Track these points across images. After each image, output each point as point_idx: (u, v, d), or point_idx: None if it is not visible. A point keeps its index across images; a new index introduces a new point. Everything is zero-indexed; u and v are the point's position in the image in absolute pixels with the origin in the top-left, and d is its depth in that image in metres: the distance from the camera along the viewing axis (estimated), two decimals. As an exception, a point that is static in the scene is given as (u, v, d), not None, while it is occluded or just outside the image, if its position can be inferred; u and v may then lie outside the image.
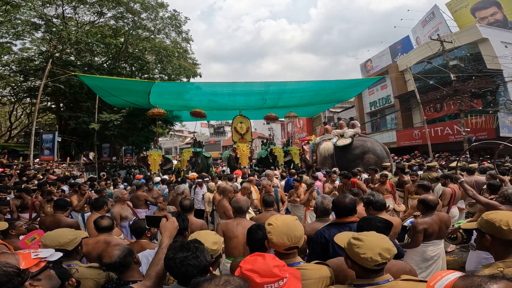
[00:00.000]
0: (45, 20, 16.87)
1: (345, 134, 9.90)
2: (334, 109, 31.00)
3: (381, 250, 1.32)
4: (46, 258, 1.27)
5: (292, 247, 1.58)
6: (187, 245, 1.35)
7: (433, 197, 3.21)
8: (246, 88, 11.76)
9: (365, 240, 1.36)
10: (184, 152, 12.33)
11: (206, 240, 1.60)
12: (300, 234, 1.60)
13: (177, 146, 48.22)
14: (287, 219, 1.68)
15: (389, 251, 1.34)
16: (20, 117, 25.43)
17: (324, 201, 2.71)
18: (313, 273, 1.56)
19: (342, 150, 9.47)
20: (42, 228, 3.33)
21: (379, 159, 8.72)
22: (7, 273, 1.11)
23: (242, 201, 3.00)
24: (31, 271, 1.19)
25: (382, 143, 9.90)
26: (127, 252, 1.77)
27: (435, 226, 2.94)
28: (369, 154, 8.99)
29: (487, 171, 5.31)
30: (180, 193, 5.36)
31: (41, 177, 9.27)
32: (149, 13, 19.20)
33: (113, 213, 4.31)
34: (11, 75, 18.87)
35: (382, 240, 1.38)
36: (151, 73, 20.43)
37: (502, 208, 2.86)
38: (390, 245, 1.36)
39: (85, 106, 16.90)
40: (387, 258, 1.33)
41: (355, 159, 9.01)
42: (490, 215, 1.55)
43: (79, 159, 19.16)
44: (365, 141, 9.45)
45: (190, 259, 1.31)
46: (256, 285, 1.21)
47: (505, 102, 15.52)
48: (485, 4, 20.23)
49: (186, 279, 1.29)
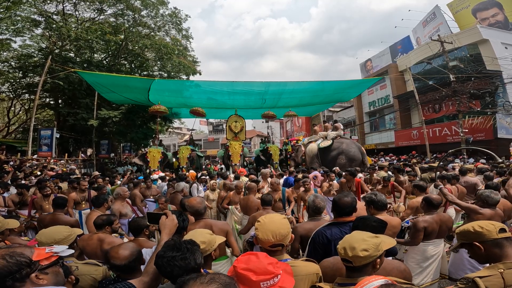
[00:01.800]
0: (45, 16, 16.81)
1: (328, 136, 10.48)
2: (333, 108, 31.04)
3: (346, 245, 1.39)
4: (58, 253, 1.31)
5: (276, 244, 1.61)
6: (179, 245, 1.36)
7: (437, 196, 3.25)
8: (246, 87, 11.76)
9: (347, 237, 1.44)
10: (183, 149, 12.33)
11: (196, 239, 1.59)
12: (285, 232, 1.63)
13: (176, 143, 48.18)
14: (275, 217, 1.71)
15: (354, 250, 1.36)
16: (19, 113, 25.34)
17: (316, 200, 2.71)
18: (300, 270, 1.58)
19: (323, 151, 10.12)
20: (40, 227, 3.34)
21: (350, 161, 9.38)
22: (18, 262, 1.16)
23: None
24: (41, 264, 1.23)
25: (359, 145, 10.52)
26: (137, 255, 1.76)
27: (435, 226, 2.97)
28: (342, 155, 9.65)
29: (484, 173, 5.38)
30: (180, 191, 5.36)
31: (39, 173, 9.26)
32: (150, 10, 19.16)
33: (113, 210, 4.32)
34: (10, 71, 18.78)
35: (350, 238, 1.44)
36: (151, 70, 20.41)
37: (482, 211, 2.94)
38: (356, 244, 1.38)
39: (84, 103, 16.86)
40: (349, 256, 1.36)
41: (332, 160, 9.63)
42: (461, 228, 1.69)
43: (77, 155, 19.11)
44: (342, 143, 10.09)
45: (178, 260, 1.31)
46: (253, 283, 1.23)
47: (503, 104, 15.57)
48: (486, 5, 20.23)
49: (173, 278, 1.29)
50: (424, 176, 6.90)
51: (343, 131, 11.41)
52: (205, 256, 1.64)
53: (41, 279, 1.20)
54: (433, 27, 23.59)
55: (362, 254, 1.33)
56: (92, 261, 2.01)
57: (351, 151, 9.70)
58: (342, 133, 10.99)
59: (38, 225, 3.88)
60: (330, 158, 9.80)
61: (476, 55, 16.99)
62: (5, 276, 1.12)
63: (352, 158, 9.59)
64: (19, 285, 1.15)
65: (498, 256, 1.50)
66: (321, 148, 10.20)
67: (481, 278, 1.38)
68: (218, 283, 0.92)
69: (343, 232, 2.15)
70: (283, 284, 1.29)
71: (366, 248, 1.34)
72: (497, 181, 4.53)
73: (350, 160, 9.52)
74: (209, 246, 1.67)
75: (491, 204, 2.97)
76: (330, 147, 10.03)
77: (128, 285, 1.34)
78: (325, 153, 10.04)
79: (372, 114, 27.25)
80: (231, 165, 11.47)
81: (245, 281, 1.25)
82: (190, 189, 6.76)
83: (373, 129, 27.42)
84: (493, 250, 1.52)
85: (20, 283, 1.15)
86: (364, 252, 1.33)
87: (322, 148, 10.15)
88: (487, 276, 1.39)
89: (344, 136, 11.74)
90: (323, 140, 10.45)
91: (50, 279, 1.24)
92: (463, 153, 13.60)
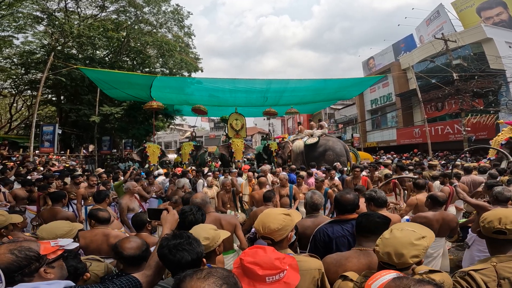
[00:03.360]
0: (48, 13, 16.80)
1: (314, 134, 10.87)
2: (335, 106, 30.98)
3: (391, 250, 1.27)
4: (64, 246, 1.31)
5: (265, 236, 1.62)
6: (179, 234, 1.37)
7: (442, 193, 3.24)
8: (248, 85, 11.74)
9: (390, 237, 1.32)
10: (185, 145, 12.34)
11: (199, 234, 1.59)
12: (275, 227, 1.59)
13: (177, 140, 48.25)
14: (272, 211, 1.70)
15: (401, 256, 1.25)
16: (21, 109, 25.42)
17: (314, 196, 2.67)
18: (301, 265, 1.55)
19: (310, 148, 10.49)
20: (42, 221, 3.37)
21: (337, 156, 9.98)
22: (28, 257, 1.15)
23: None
24: (48, 258, 1.23)
25: (343, 142, 11.24)
26: (147, 247, 1.81)
27: (435, 223, 2.95)
28: (329, 151, 10.15)
29: (487, 171, 5.35)
30: (181, 187, 5.36)
31: (41, 169, 9.30)
32: (152, 7, 19.11)
33: (121, 204, 4.36)
34: (12, 68, 18.83)
35: (397, 241, 1.31)
36: (152, 67, 20.40)
37: (491, 208, 2.89)
38: (404, 250, 1.26)
39: (86, 99, 16.89)
40: (394, 261, 1.27)
41: (319, 156, 10.09)
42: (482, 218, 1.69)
43: (79, 151, 19.18)
44: (328, 141, 10.57)
45: (184, 244, 1.31)
46: (258, 277, 1.23)
47: (506, 102, 15.49)
48: (491, 4, 20.09)
49: (180, 267, 1.28)
50: (425, 174, 6.89)
51: (327, 129, 12.13)
52: (209, 252, 1.64)
53: (48, 273, 1.20)
54: (437, 25, 23.45)
55: (412, 261, 1.25)
56: (94, 257, 2.01)
57: (337, 148, 10.24)
58: (327, 131, 11.59)
59: (40, 220, 3.92)
60: (317, 154, 10.20)
61: (480, 53, 16.89)
62: (15, 271, 1.11)
63: (339, 154, 10.09)
64: (27, 279, 1.14)
65: (499, 249, 1.56)
66: (307, 145, 10.56)
67: (476, 271, 1.43)
68: (216, 277, 0.89)
69: (345, 230, 2.14)
70: (288, 280, 1.29)
71: (417, 254, 1.27)
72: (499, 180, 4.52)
73: (337, 155, 9.99)
74: (213, 242, 1.64)
75: (501, 200, 2.89)
76: (316, 144, 10.43)
77: (131, 278, 1.34)
78: (312, 149, 10.40)
79: (374, 112, 27.18)
80: (234, 162, 11.52)
81: (251, 275, 1.25)
82: (196, 185, 6.81)
83: (374, 127, 27.36)
84: (495, 243, 1.58)
85: (28, 278, 1.15)
86: (414, 259, 1.26)
87: (309, 145, 10.51)
88: (481, 269, 1.45)
89: (329, 134, 12.27)
90: (309, 137, 10.84)
91: (56, 273, 1.24)
92: (466, 152, 13.55)
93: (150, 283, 1.39)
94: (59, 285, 1.17)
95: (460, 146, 15.27)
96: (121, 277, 1.36)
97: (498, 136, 9.79)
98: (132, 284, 1.31)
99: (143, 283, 1.35)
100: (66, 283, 1.20)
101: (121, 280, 1.31)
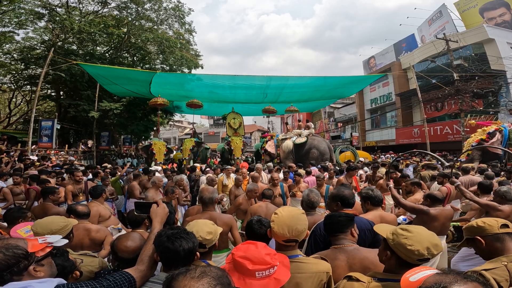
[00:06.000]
0: (49, 9, 16.72)
1: (301, 134, 11.26)
2: (334, 105, 30.95)
3: (429, 245, 1.24)
4: (53, 243, 1.27)
5: (291, 239, 1.56)
6: (175, 227, 1.40)
7: (438, 192, 3.26)
8: (248, 81, 11.75)
9: (414, 232, 1.28)
10: (186, 141, 12.40)
11: (201, 229, 1.60)
12: (302, 228, 1.57)
13: (176, 137, 48.21)
14: (294, 211, 1.64)
15: (437, 247, 1.25)
16: (20, 104, 25.35)
17: (311, 194, 2.69)
18: (310, 267, 1.53)
19: (298, 147, 10.90)
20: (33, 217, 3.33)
21: (321, 154, 10.55)
22: (16, 255, 1.12)
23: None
24: (37, 255, 1.19)
25: (327, 142, 11.81)
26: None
27: (442, 218, 3.01)
28: (314, 149, 10.66)
29: (484, 172, 5.36)
30: (178, 180, 5.37)
31: (38, 163, 9.26)
32: (153, 4, 19.05)
33: (147, 197, 4.41)
34: (12, 63, 18.75)
35: (432, 236, 1.30)
36: (153, 64, 20.34)
37: (501, 208, 2.90)
38: (439, 242, 1.28)
39: (85, 94, 16.84)
40: (433, 254, 1.25)
41: (305, 154, 10.64)
42: (467, 224, 1.72)
43: (78, 147, 19.15)
44: (313, 140, 11.08)
45: (182, 233, 1.34)
46: (248, 271, 1.24)
47: (506, 103, 15.49)
48: (494, 4, 20.03)
49: (178, 256, 1.29)
50: (424, 174, 6.91)
51: (314, 129, 12.56)
52: (210, 246, 1.64)
53: (38, 271, 1.17)
54: (439, 25, 23.38)
55: (437, 252, 1.27)
56: (88, 253, 2.00)
57: (321, 146, 10.76)
58: (314, 131, 12.07)
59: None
60: (303, 152, 10.69)
61: (481, 54, 16.86)
62: (3, 270, 1.08)
63: (323, 152, 10.63)
64: (16, 278, 1.11)
65: (500, 250, 1.54)
66: (296, 144, 10.95)
67: (487, 271, 1.40)
68: (210, 276, 0.87)
69: None
70: (278, 276, 1.29)
71: (439, 243, 1.29)
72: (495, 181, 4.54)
73: (321, 153, 10.55)
74: (215, 236, 1.65)
75: (509, 199, 2.93)
76: (304, 143, 10.86)
77: (124, 274, 1.33)
78: (299, 148, 10.85)
79: (374, 111, 27.17)
80: (233, 159, 11.60)
81: (241, 269, 1.26)
82: (199, 181, 6.84)
83: (374, 126, 27.36)
84: (494, 244, 1.56)
85: (18, 277, 1.12)
86: (439, 249, 1.28)
87: (298, 144, 10.90)
88: (492, 269, 1.43)
89: (315, 134, 12.69)
90: (298, 137, 11.21)
91: (46, 270, 1.21)
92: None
93: (143, 278, 1.38)
94: (52, 283, 1.14)
95: (459, 146, 15.27)
96: (115, 272, 1.36)
97: (470, 137, 10.25)
98: (126, 279, 1.31)
99: (136, 278, 1.34)
100: (58, 280, 1.19)
101: (114, 276, 1.30)
